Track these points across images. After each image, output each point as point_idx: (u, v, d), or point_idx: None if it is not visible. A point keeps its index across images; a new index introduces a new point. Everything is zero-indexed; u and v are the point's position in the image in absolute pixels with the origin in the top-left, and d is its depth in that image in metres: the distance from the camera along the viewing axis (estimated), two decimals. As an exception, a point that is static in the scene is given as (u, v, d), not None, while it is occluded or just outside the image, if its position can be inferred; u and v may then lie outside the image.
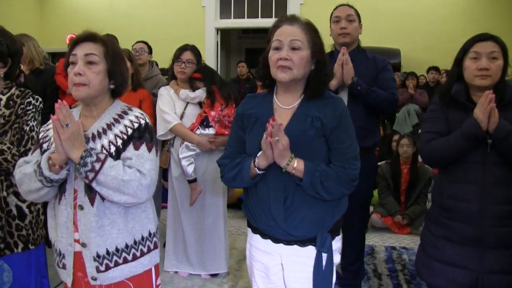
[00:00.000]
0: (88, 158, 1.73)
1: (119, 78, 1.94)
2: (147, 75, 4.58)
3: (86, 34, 1.90)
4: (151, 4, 10.15)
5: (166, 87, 3.76)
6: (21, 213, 2.38)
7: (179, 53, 3.66)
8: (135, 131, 1.88)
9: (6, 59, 2.38)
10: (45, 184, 1.79)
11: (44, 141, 1.95)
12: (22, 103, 2.36)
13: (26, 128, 2.34)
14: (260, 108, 2.05)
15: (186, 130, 3.54)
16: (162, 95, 3.69)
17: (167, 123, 3.58)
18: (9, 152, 2.25)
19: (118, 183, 1.75)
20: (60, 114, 1.71)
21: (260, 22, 10.10)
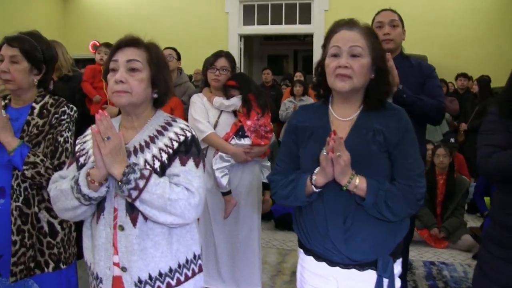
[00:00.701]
0: (131, 175, 1.57)
1: (163, 87, 1.79)
2: (176, 82, 4.46)
3: (128, 39, 1.75)
4: (175, 10, 10.07)
5: (198, 95, 3.60)
6: (52, 230, 2.23)
7: (214, 60, 3.50)
8: (181, 144, 1.72)
9: (41, 66, 2.25)
10: (83, 202, 1.64)
11: (80, 154, 1.80)
12: (56, 113, 2.22)
13: (60, 140, 2.20)
14: (315, 120, 1.89)
15: (220, 140, 3.38)
16: (195, 103, 3.53)
17: (200, 132, 3.41)
18: (43, 165, 2.11)
19: (164, 202, 1.59)
20: (101, 126, 1.55)
21: (284, 29, 9.97)
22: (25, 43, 2.19)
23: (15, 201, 2.15)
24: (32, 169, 2.09)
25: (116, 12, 10.37)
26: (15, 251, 2.14)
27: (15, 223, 2.15)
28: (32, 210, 2.17)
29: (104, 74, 1.79)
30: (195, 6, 9.97)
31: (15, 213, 2.15)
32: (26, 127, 2.20)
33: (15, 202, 2.15)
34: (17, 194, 2.15)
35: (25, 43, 2.19)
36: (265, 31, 10.25)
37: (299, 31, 10.32)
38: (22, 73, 2.18)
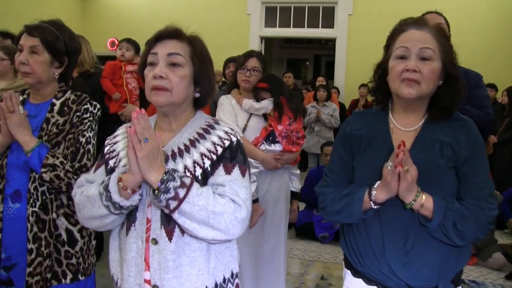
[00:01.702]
0: (170, 183, 1.36)
1: (207, 85, 1.59)
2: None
3: (171, 30, 1.55)
4: (196, 10, 9.90)
5: (227, 96, 3.40)
6: (71, 238, 2.03)
7: (244, 60, 3.29)
8: (225, 150, 1.52)
9: (63, 58, 2.06)
10: (112, 211, 1.44)
11: (110, 156, 1.60)
12: (78, 110, 2.03)
13: (82, 140, 2.00)
14: (373, 129, 1.68)
15: (249, 144, 3.16)
16: (223, 104, 3.33)
17: (227, 136, 3.21)
18: (62, 167, 1.91)
19: (207, 215, 1.38)
20: (138, 126, 1.35)
21: (306, 32, 9.78)
22: (47, 32, 2.00)
23: (31, 206, 1.95)
24: (51, 172, 1.90)
25: (135, 11, 10.24)
26: (31, 261, 1.95)
27: (31, 230, 1.95)
28: (49, 216, 1.98)
29: (141, 69, 1.59)
30: (217, 7, 9.81)
31: (32, 219, 1.95)
32: (45, 125, 2.01)
33: (31, 207, 1.95)
34: (34, 199, 1.96)
35: (46, 32, 2.00)
36: (286, 34, 10.04)
37: (321, 35, 10.09)
38: (42, 66, 1.99)
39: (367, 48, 8.90)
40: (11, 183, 1.98)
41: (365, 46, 8.94)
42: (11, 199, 1.98)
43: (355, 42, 9.25)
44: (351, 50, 9.36)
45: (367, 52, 8.94)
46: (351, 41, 9.35)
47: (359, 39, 9.14)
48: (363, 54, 9.01)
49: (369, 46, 8.96)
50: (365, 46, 8.96)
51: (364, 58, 9.00)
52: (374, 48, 8.75)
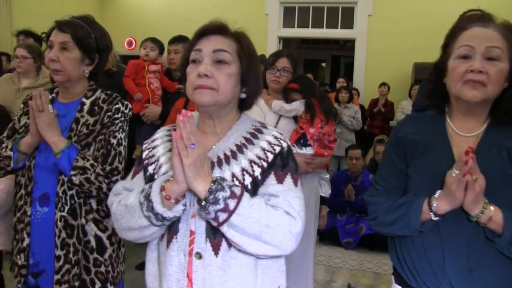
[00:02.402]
0: (219, 193, 1.24)
1: (254, 85, 1.47)
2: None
3: (216, 24, 1.44)
4: (213, 10, 9.77)
5: (255, 97, 3.28)
6: (100, 245, 1.93)
7: (274, 60, 3.17)
8: (276, 157, 1.39)
9: (94, 55, 1.95)
10: (154, 223, 1.32)
11: (149, 162, 1.49)
12: (109, 110, 1.92)
13: (113, 141, 1.89)
14: (429, 134, 1.56)
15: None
16: (251, 104, 3.21)
17: (255, 138, 3.10)
18: (93, 170, 1.81)
19: (260, 228, 1.26)
20: (184, 130, 1.23)
21: (325, 33, 9.62)
22: (78, 28, 1.90)
23: (60, 211, 1.85)
24: (81, 175, 1.79)
25: (152, 11, 10.16)
26: (59, 268, 1.85)
27: (59, 235, 1.85)
28: (78, 222, 1.88)
29: (182, 67, 1.47)
30: (234, 7, 9.68)
31: (60, 224, 1.85)
32: (75, 125, 1.91)
33: (60, 211, 1.85)
34: (63, 203, 1.86)
35: (77, 28, 1.89)
36: (305, 34, 9.88)
37: (340, 36, 9.93)
38: (73, 63, 1.89)
39: (387, 49, 8.79)
40: (39, 185, 1.89)
41: (385, 47, 8.80)
42: (39, 202, 1.88)
43: (375, 42, 9.08)
44: (371, 51, 9.19)
45: (387, 53, 8.84)
46: (370, 41, 9.19)
47: (379, 39, 8.97)
48: (383, 55, 8.87)
49: (389, 47, 8.84)
50: (385, 47, 8.81)
51: (384, 59, 8.93)
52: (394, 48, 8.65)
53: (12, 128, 2.02)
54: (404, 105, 7.52)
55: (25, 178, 1.91)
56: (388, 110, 7.82)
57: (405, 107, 7.44)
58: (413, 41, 8.51)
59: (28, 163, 1.90)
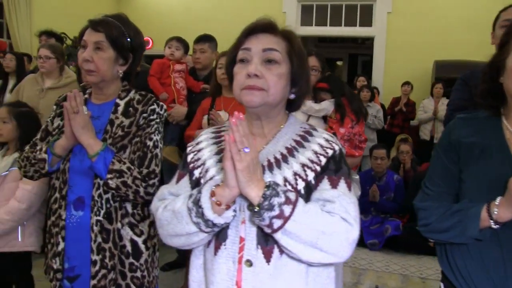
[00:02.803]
0: (274, 199, 1.18)
1: (304, 86, 1.41)
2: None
3: (265, 23, 1.38)
4: (230, 9, 9.74)
5: (282, 97, 3.22)
6: (136, 249, 1.88)
7: None
8: (329, 160, 1.33)
9: (128, 55, 1.91)
10: (203, 229, 1.27)
11: (195, 166, 1.43)
12: (145, 111, 1.88)
13: (149, 144, 1.84)
14: (485, 136, 1.47)
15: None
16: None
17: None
18: (129, 174, 1.76)
19: (316, 235, 1.20)
20: (237, 133, 1.17)
21: (343, 31, 9.53)
22: (112, 27, 1.85)
23: (95, 215, 1.81)
24: (117, 179, 1.75)
25: (169, 11, 10.13)
26: (95, 273, 1.81)
27: (95, 240, 1.81)
28: (114, 226, 1.83)
29: (229, 67, 1.42)
30: (251, 5, 9.61)
31: (96, 229, 1.81)
32: (110, 127, 1.86)
33: (95, 215, 1.81)
34: (98, 207, 1.81)
35: (111, 28, 1.85)
36: (323, 32, 9.80)
37: (359, 34, 9.82)
38: (107, 63, 1.84)
39: (406, 46, 8.66)
40: (74, 189, 1.85)
41: (405, 44, 8.68)
42: (74, 206, 1.84)
43: (394, 41, 8.97)
44: (390, 49, 9.08)
45: (407, 51, 8.72)
46: (390, 39, 9.07)
47: (399, 37, 8.86)
48: (403, 53, 8.75)
49: (409, 45, 8.72)
50: (404, 44, 8.70)
51: (404, 57, 8.81)
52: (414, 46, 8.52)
53: (45, 130, 1.98)
54: (426, 103, 7.42)
55: (60, 181, 1.87)
56: (409, 109, 7.72)
57: (427, 106, 7.35)
58: (433, 39, 8.40)
59: (62, 166, 1.86)
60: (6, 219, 2.57)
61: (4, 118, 2.69)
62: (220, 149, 1.43)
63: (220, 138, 1.47)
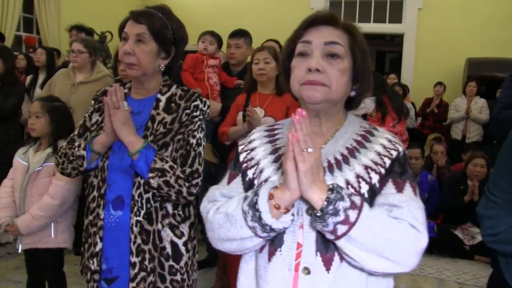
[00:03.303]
0: (339, 203, 1.09)
1: (367, 83, 1.31)
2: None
3: (326, 15, 1.28)
4: (256, 5, 9.64)
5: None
6: (176, 252, 1.79)
7: None
8: (394, 162, 1.23)
9: (170, 48, 1.82)
10: (259, 234, 1.18)
11: (248, 166, 1.35)
12: (187, 107, 1.79)
13: (192, 142, 1.76)
14: None
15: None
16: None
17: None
18: (172, 173, 1.68)
19: (382, 243, 1.10)
20: (301, 132, 1.08)
21: (372, 27, 9.34)
22: (154, 19, 1.76)
23: (135, 215, 1.73)
24: (159, 178, 1.66)
25: (194, 8, 10.06)
26: (134, 275, 1.74)
27: (134, 241, 1.73)
28: (154, 227, 1.75)
29: (285, 61, 1.33)
30: (279, 2, 9.51)
31: (135, 230, 1.73)
32: (150, 123, 1.78)
33: (135, 216, 1.73)
34: (138, 207, 1.73)
35: (154, 19, 1.76)
36: (352, 29, 9.64)
37: (388, 31, 9.67)
38: (149, 56, 1.76)
39: (437, 44, 8.47)
40: (113, 188, 1.77)
41: (436, 41, 8.50)
42: (113, 205, 1.77)
43: (425, 37, 8.78)
44: (420, 46, 8.89)
45: (438, 48, 8.52)
46: (420, 36, 8.89)
47: (429, 34, 8.67)
48: (433, 50, 8.56)
49: (440, 42, 8.51)
50: (435, 41, 8.51)
51: (434, 55, 8.60)
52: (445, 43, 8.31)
53: (83, 125, 1.91)
54: (458, 102, 7.22)
55: (98, 179, 1.80)
56: (441, 111, 7.54)
57: (459, 105, 7.16)
58: (465, 36, 8.20)
59: (101, 163, 1.79)
60: (39, 215, 2.53)
61: (37, 113, 2.64)
62: (274, 148, 1.35)
63: (274, 137, 1.39)
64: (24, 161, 2.65)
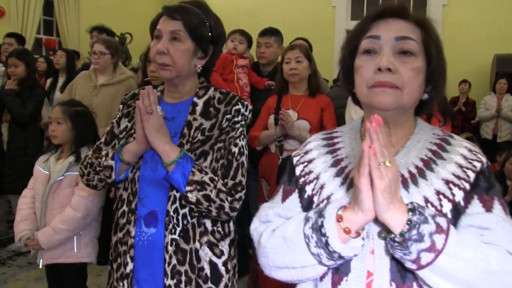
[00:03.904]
0: (423, 226, 0.91)
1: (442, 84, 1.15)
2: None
3: (396, 6, 1.11)
4: (278, 3, 9.45)
5: (356, 94, 2.92)
6: (215, 273, 1.60)
7: None
8: (479, 176, 1.05)
9: (207, 47, 1.63)
10: (324, 262, 1.00)
11: (306, 181, 1.17)
12: (228, 112, 1.60)
13: (234, 150, 1.57)
14: None
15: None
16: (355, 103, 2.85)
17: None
18: (213, 186, 1.49)
19: (476, 274, 0.91)
20: (378, 143, 0.89)
21: (395, 24, 9.10)
22: (191, 15, 1.57)
23: (171, 233, 1.55)
24: (198, 192, 1.47)
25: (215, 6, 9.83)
26: None
27: (169, 262, 1.55)
28: (191, 246, 1.56)
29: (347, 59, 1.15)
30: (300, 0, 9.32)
31: (170, 249, 1.55)
32: (187, 130, 1.59)
33: (170, 234, 1.55)
34: (174, 224, 1.55)
35: (190, 15, 1.57)
36: (374, 26, 9.42)
37: (412, 28, 9.41)
38: (185, 56, 1.57)
39: (463, 40, 8.17)
40: (145, 202, 1.59)
41: (462, 38, 8.19)
42: (145, 222, 1.58)
43: (450, 34, 8.45)
44: (445, 42, 8.06)
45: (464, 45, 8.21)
46: (445, 32, 8.55)
47: (455, 30, 8.37)
48: (459, 47, 8.25)
49: (466, 38, 8.21)
50: (461, 38, 8.20)
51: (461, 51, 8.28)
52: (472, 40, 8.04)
53: (111, 132, 1.73)
54: (487, 100, 6.96)
55: (128, 192, 1.62)
56: (469, 109, 7.29)
57: (489, 103, 6.90)
58: (493, 31, 7.92)
59: (131, 175, 1.61)
60: (61, 229, 2.36)
61: (59, 119, 2.48)
62: (336, 159, 1.16)
63: (334, 146, 1.20)
64: (45, 170, 2.49)
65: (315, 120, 2.96)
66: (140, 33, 7.66)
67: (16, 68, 4.00)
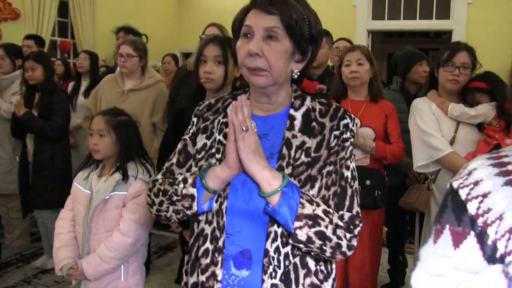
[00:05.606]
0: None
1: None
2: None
3: None
4: (297, 3, 9.19)
5: (424, 99, 2.67)
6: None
7: (451, 54, 2.58)
8: None
9: (307, 48, 1.33)
10: None
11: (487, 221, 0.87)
12: (336, 127, 1.31)
13: (347, 175, 1.28)
14: None
15: (464, 162, 2.39)
16: (421, 109, 2.60)
17: (433, 150, 2.48)
18: (328, 221, 1.19)
19: None
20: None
21: (418, 24, 8.84)
22: (291, 9, 1.26)
23: (270, 277, 1.25)
24: (310, 228, 1.18)
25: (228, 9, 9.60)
26: None
27: (268, 312, 1.25)
28: None
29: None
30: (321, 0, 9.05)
31: (269, 297, 1.25)
32: (286, 150, 1.29)
33: (270, 278, 1.24)
34: (275, 266, 1.25)
35: (290, 9, 1.26)
36: (396, 26, 9.11)
37: (435, 27, 9.08)
38: (283, 58, 1.28)
39: (489, 40, 7.88)
40: (235, 239, 1.29)
41: (487, 38, 7.91)
42: (235, 263, 1.29)
43: (475, 34, 8.20)
44: (470, 42, 8.01)
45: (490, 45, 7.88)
46: (470, 33, 8.32)
47: (480, 30, 8.11)
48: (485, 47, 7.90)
49: (492, 38, 7.92)
50: (487, 38, 7.92)
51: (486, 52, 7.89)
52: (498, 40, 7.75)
53: (184, 151, 1.44)
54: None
55: (213, 226, 1.31)
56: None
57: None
58: (522, 30, 7.67)
59: (216, 205, 1.31)
60: (109, 257, 2.06)
61: (101, 131, 2.18)
62: None
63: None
64: (86, 189, 2.19)
65: (380, 127, 2.69)
66: (156, 35, 7.42)
67: (34, 71, 3.66)
